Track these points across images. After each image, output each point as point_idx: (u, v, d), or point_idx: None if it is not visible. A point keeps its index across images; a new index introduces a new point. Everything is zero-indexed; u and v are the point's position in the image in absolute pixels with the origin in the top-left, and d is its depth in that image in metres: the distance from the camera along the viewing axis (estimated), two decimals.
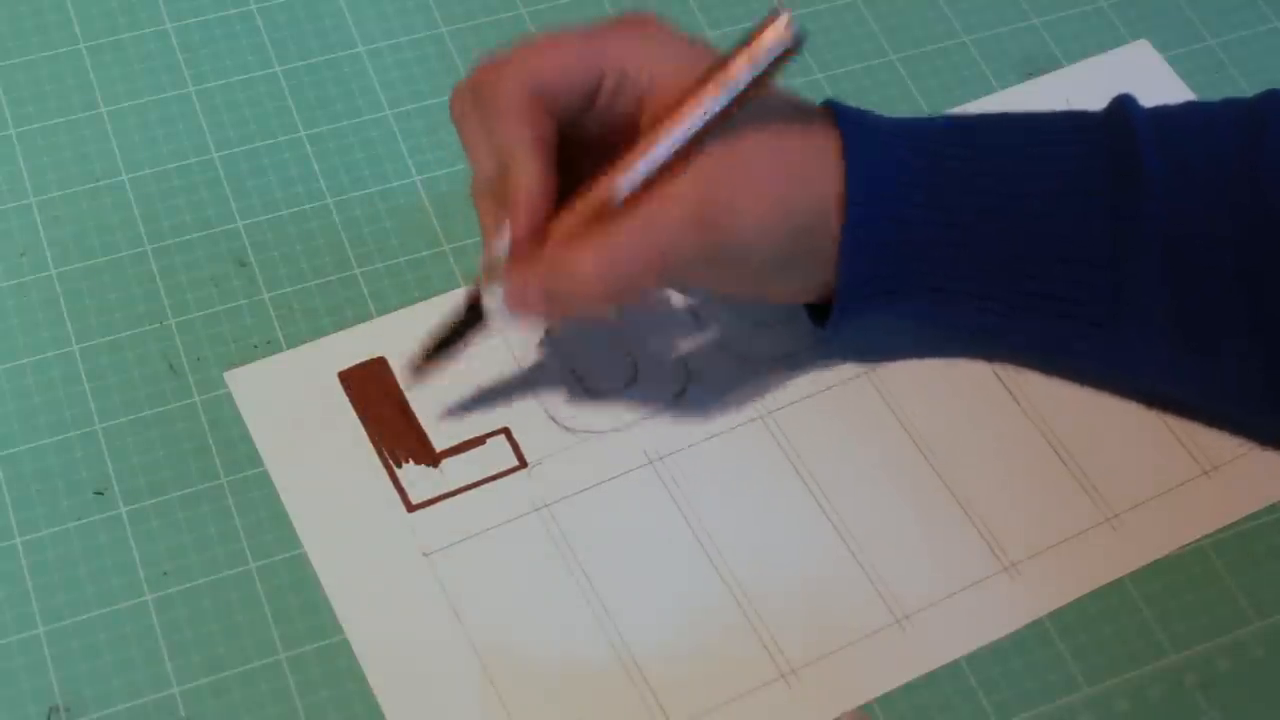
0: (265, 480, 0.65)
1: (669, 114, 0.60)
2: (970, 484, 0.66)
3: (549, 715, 0.61)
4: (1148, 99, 0.62)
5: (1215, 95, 0.78)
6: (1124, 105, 0.64)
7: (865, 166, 0.62)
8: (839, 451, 0.67)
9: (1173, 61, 0.79)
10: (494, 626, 0.62)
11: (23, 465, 0.65)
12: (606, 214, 0.60)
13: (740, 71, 0.59)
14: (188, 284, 0.70)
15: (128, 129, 0.74)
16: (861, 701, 0.61)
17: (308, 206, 0.72)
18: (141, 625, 0.62)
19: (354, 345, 0.69)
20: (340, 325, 0.69)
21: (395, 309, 0.70)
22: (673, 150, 0.60)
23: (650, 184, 0.60)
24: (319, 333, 0.69)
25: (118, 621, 0.62)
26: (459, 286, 0.70)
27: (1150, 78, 0.78)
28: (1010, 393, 0.68)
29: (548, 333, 0.69)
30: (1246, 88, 0.78)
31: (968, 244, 0.62)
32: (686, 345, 0.70)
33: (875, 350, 0.69)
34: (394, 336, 0.69)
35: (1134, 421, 0.68)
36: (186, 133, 0.74)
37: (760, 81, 0.59)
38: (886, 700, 0.62)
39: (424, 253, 0.71)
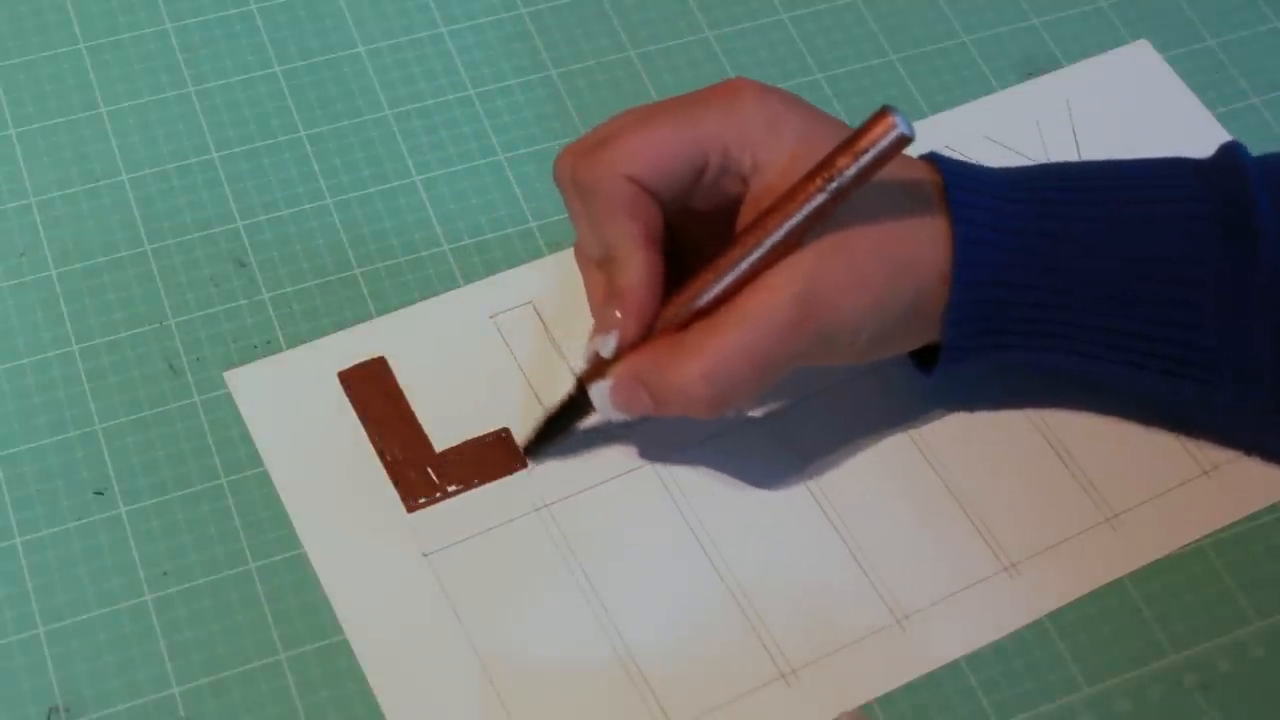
0: (265, 480, 0.65)
1: (771, 214, 0.60)
2: (970, 484, 0.66)
3: (549, 715, 0.61)
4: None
5: (1215, 95, 0.78)
6: (1234, 152, 0.63)
7: (971, 230, 0.61)
8: (839, 451, 0.67)
9: (1173, 61, 0.79)
10: (494, 626, 0.62)
11: (23, 465, 0.65)
12: (710, 310, 0.61)
13: (845, 170, 0.59)
14: (187, 284, 0.70)
15: (128, 129, 0.74)
16: (861, 701, 0.61)
17: (308, 206, 0.72)
18: (141, 625, 0.62)
19: (354, 345, 0.69)
20: (340, 325, 0.69)
21: (395, 309, 0.70)
22: (775, 245, 0.60)
23: (753, 276, 0.60)
24: (319, 333, 0.69)
25: (118, 621, 0.62)
26: (459, 286, 0.70)
27: (1150, 78, 0.78)
28: (1010, 392, 0.68)
29: None
30: (1247, 88, 0.78)
31: (1073, 294, 0.62)
32: None
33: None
34: (394, 336, 0.69)
35: (1134, 421, 0.68)
36: (186, 133, 0.74)
37: (864, 177, 0.59)
38: (886, 700, 0.62)
39: (424, 253, 0.71)
